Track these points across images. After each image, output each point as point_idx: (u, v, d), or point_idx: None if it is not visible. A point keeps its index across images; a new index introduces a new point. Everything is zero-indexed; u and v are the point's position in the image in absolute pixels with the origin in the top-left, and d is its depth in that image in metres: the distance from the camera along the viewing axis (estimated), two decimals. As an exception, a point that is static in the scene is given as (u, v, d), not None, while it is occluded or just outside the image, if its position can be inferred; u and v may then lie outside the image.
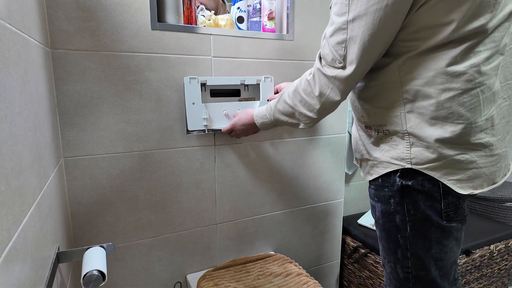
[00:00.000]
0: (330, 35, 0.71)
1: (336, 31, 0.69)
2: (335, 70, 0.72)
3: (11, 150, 0.47)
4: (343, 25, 0.67)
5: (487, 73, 0.65)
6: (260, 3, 1.24)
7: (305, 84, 0.80)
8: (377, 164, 0.79)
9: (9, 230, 0.43)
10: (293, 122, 0.89)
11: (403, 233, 0.77)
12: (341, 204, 1.55)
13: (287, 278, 1.20)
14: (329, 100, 0.77)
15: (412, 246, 0.77)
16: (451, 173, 0.70)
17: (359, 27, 0.65)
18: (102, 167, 1.04)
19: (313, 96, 0.79)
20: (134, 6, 1.00)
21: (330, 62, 0.72)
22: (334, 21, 0.69)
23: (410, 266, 0.79)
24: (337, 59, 0.70)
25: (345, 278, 1.70)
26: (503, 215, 1.79)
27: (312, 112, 0.82)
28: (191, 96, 1.11)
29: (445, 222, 0.73)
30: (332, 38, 0.70)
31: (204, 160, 1.20)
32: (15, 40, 0.55)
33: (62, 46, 0.93)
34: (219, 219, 1.28)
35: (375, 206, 0.83)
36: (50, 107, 0.85)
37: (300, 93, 0.82)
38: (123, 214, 1.10)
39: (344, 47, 0.68)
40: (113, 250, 0.81)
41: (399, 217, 0.77)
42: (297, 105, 0.84)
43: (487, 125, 0.68)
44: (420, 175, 0.72)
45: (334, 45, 0.70)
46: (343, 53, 0.69)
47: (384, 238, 0.83)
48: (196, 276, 1.24)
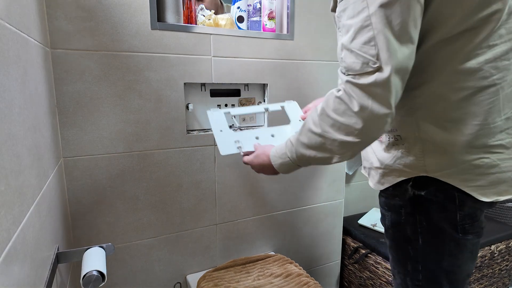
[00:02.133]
0: (350, 41, 0.59)
1: (357, 32, 0.58)
2: (370, 76, 0.57)
3: (10, 150, 0.46)
4: (365, 21, 0.56)
5: (507, 68, 0.60)
6: (260, 2, 1.23)
7: (335, 103, 0.63)
8: (389, 172, 0.73)
9: (9, 230, 0.43)
10: (324, 156, 0.69)
11: (414, 245, 0.73)
12: (341, 205, 1.55)
13: (287, 278, 1.19)
14: (374, 114, 0.59)
15: (424, 259, 0.73)
16: (471, 180, 0.64)
17: (385, 16, 0.55)
18: (102, 167, 1.04)
19: (350, 114, 0.61)
20: (134, 5, 1.00)
21: (360, 70, 0.58)
22: (351, 24, 0.59)
23: (420, 279, 0.75)
24: (370, 60, 0.57)
25: (345, 278, 1.69)
26: (504, 215, 1.79)
27: (352, 135, 0.62)
28: (217, 125, 1.01)
29: (461, 235, 0.69)
30: (355, 42, 0.58)
31: (204, 160, 1.20)
32: (15, 40, 0.54)
33: (62, 46, 0.93)
34: (219, 219, 1.28)
35: (385, 215, 0.78)
36: (49, 107, 0.85)
37: (330, 116, 0.64)
38: (122, 214, 1.10)
39: (374, 45, 0.56)
40: (113, 251, 0.80)
41: (410, 228, 0.73)
42: (329, 132, 0.65)
43: (507, 125, 0.62)
44: (433, 184, 0.67)
45: (359, 47, 0.58)
46: (375, 52, 0.56)
47: (393, 249, 0.79)
48: (196, 277, 1.24)
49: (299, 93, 1.32)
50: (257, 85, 1.30)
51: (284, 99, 1.30)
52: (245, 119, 1.30)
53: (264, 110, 1.09)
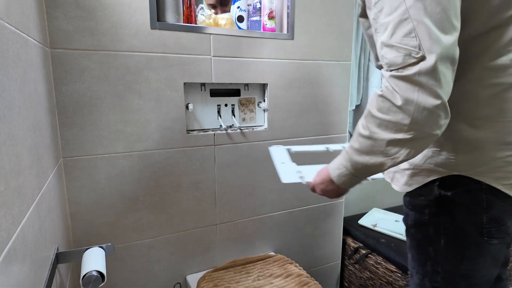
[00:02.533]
0: (390, 36, 0.59)
1: (396, 27, 0.57)
2: (413, 67, 0.56)
3: (10, 150, 0.46)
4: (403, 15, 0.56)
5: None
6: (260, 2, 1.23)
7: (378, 101, 0.61)
8: (418, 172, 0.71)
9: (8, 230, 0.43)
10: (377, 162, 0.64)
11: (436, 246, 0.72)
12: (341, 205, 1.55)
13: (287, 279, 1.19)
14: (422, 106, 0.56)
15: (444, 261, 0.72)
16: (504, 177, 0.63)
17: (424, 6, 0.55)
18: (102, 167, 1.04)
19: (395, 110, 0.59)
20: (134, 5, 1.00)
21: (403, 63, 0.57)
22: (389, 21, 0.58)
23: (439, 281, 0.74)
24: (412, 51, 0.56)
25: (345, 279, 1.69)
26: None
27: (401, 132, 0.59)
28: (279, 158, 1.05)
29: (485, 239, 0.67)
30: (395, 37, 0.58)
31: (204, 160, 1.20)
32: (14, 39, 0.54)
33: (61, 45, 0.93)
34: (219, 219, 1.28)
35: (408, 214, 0.77)
36: (49, 107, 0.85)
37: (376, 115, 0.62)
38: (122, 215, 1.10)
39: (414, 36, 0.55)
40: (113, 251, 0.80)
41: (433, 228, 0.72)
42: (376, 132, 0.62)
43: None
44: (461, 185, 0.66)
45: (400, 41, 0.57)
46: (416, 43, 0.55)
47: (414, 248, 0.78)
48: (196, 277, 1.23)
49: (299, 93, 1.32)
50: (257, 85, 1.29)
51: (284, 99, 1.30)
52: (245, 119, 1.29)
53: (325, 149, 1.07)
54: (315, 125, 1.39)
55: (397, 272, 1.37)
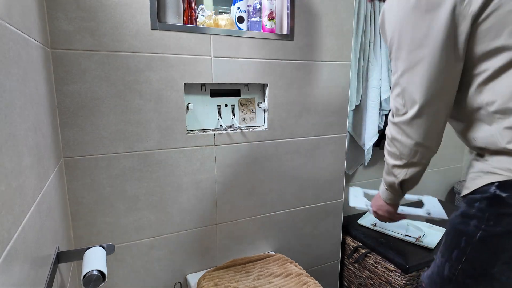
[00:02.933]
0: (391, 91, 0.83)
1: (393, 87, 0.81)
2: (400, 117, 0.81)
3: (11, 150, 0.47)
4: (397, 79, 0.79)
5: None
6: (260, 3, 1.24)
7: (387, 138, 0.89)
8: (482, 175, 0.77)
9: (9, 230, 0.43)
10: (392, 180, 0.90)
11: (470, 239, 0.76)
12: (341, 204, 1.55)
13: (287, 278, 1.20)
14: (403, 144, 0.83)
15: (472, 254, 0.75)
16: None
17: (408, 78, 0.76)
18: (102, 167, 1.04)
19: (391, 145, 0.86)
20: (134, 6, 1.00)
21: (395, 113, 0.83)
22: (392, 79, 0.82)
23: (458, 270, 0.77)
24: (400, 107, 0.80)
25: (345, 278, 1.70)
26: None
27: (398, 160, 0.86)
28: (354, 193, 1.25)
29: None
30: (393, 93, 0.82)
31: (204, 160, 1.20)
32: (15, 40, 0.55)
33: (62, 46, 0.93)
34: (219, 219, 1.28)
35: (460, 206, 0.82)
36: (50, 107, 0.85)
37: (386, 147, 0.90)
38: (123, 214, 1.10)
39: (402, 97, 0.79)
40: (113, 250, 0.80)
41: (475, 222, 0.75)
42: (387, 158, 0.89)
43: None
44: None
45: (394, 97, 0.81)
46: (402, 102, 0.79)
47: (450, 235, 0.83)
48: (196, 276, 1.24)
49: (299, 93, 1.33)
50: (257, 85, 1.30)
51: (284, 99, 1.30)
52: (245, 119, 1.30)
53: (427, 215, 1.10)
54: (315, 125, 1.39)
55: (396, 272, 1.37)
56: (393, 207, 0.99)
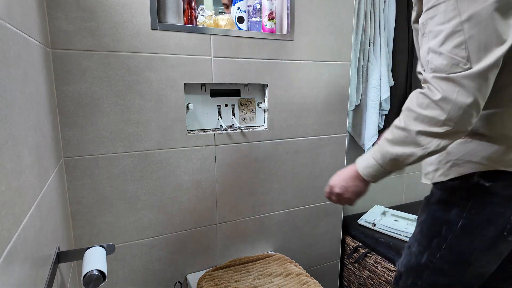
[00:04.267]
0: (440, 44, 0.63)
1: (448, 37, 0.62)
2: (460, 74, 0.62)
3: (11, 150, 0.47)
4: (457, 27, 0.61)
5: None
6: (260, 3, 1.24)
7: (419, 97, 0.67)
8: (462, 163, 0.74)
9: (10, 230, 0.43)
10: (408, 152, 0.69)
11: (451, 227, 0.75)
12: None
13: (287, 278, 1.20)
14: (458, 105, 0.62)
15: (453, 241, 0.75)
16: None
17: (480, 22, 0.60)
18: (102, 167, 1.05)
19: (433, 107, 0.64)
20: (134, 6, 1.00)
21: (450, 69, 0.63)
22: (441, 30, 0.63)
23: (437, 257, 0.78)
24: (460, 61, 0.62)
25: (345, 278, 1.70)
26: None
27: (436, 126, 0.65)
28: None
29: (505, 234, 0.71)
30: (446, 45, 0.63)
31: (204, 160, 1.20)
32: (16, 40, 0.55)
33: (62, 46, 0.93)
34: (219, 219, 1.28)
35: (434, 192, 0.80)
36: (50, 107, 0.85)
37: (414, 110, 0.67)
38: (123, 214, 1.10)
39: (464, 48, 0.61)
40: (113, 250, 0.80)
41: (457, 210, 0.75)
42: (412, 124, 0.67)
43: None
44: (504, 180, 0.70)
45: (450, 50, 0.62)
46: (465, 54, 0.61)
47: (426, 223, 0.81)
48: (196, 276, 1.24)
49: (299, 93, 1.33)
50: (257, 85, 1.30)
51: (284, 99, 1.30)
52: (245, 119, 1.30)
53: None
54: (315, 125, 1.39)
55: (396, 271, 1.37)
56: (367, 187, 0.82)
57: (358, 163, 0.79)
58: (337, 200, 0.88)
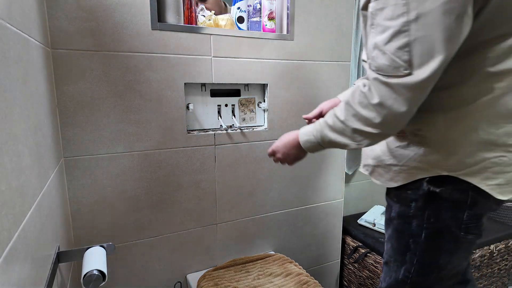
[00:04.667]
0: (385, 43, 0.60)
1: (393, 36, 0.59)
2: (399, 79, 0.60)
3: (11, 150, 0.47)
4: (403, 27, 0.57)
5: None
6: (260, 3, 1.24)
7: (360, 96, 0.68)
8: (407, 170, 0.74)
9: (10, 230, 0.43)
10: (343, 142, 0.74)
11: (417, 239, 0.75)
12: (341, 204, 1.55)
13: (287, 278, 1.20)
14: (392, 112, 0.63)
15: (421, 253, 0.76)
16: (490, 178, 0.66)
17: (426, 25, 0.56)
18: (102, 167, 1.04)
19: (371, 108, 0.65)
20: (135, 6, 1.00)
21: (391, 71, 0.61)
22: (388, 26, 0.59)
23: (412, 271, 0.78)
24: (401, 65, 0.59)
25: (345, 278, 1.70)
26: (503, 215, 1.79)
27: (370, 127, 0.67)
28: None
29: (463, 234, 0.72)
30: (390, 45, 0.60)
31: (204, 160, 1.20)
32: (16, 40, 0.55)
33: (63, 46, 0.93)
34: (219, 219, 1.28)
35: (392, 206, 0.80)
36: (50, 107, 0.85)
37: (354, 107, 0.69)
38: (123, 214, 1.10)
39: (408, 51, 0.58)
40: (113, 250, 0.81)
41: (416, 222, 0.75)
42: (350, 120, 0.70)
43: None
44: (450, 183, 0.69)
45: (393, 51, 0.59)
46: (407, 58, 0.58)
47: (394, 239, 0.81)
48: (196, 276, 1.24)
49: (299, 93, 1.33)
50: (257, 85, 1.30)
51: (284, 99, 1.30)
52: (245, 119, 1.30)
53: None
54: (315, 125, 1.39)
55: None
56: (306, 155, 0.89)
57: (301, 136, 0.85)
58: (277, 161, 0.96)
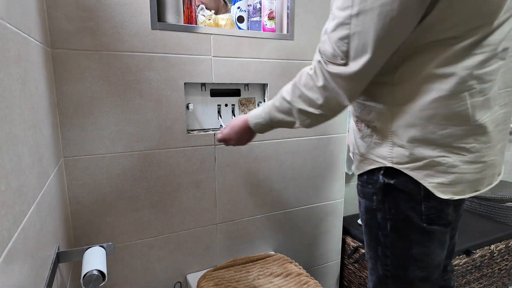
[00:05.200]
0: (331, 30, 0.65)
1: (338, 26, 0.63)
2: (337, 67, 0.66)
3: (11, 149, 0.47)
4: (346, 19, 0.62)
5: (480, 77, 0.62)
6: (260, 2, 1.24)
7: (306, 78, 0.73)
8: (364, 160, 0.79)
9: (9, 230, 0.43)
10: (289, 121, 0.81)
11: (384, 231, 0.77)
12: (341, 204, 1.55)
13: (287, 278, 1.20)
14: (333, 96, 0.70)
15: (392, 245, 0.77)
16: (433, 176, 0.68)
17: (363, 22, 0.60)
18: (102, 166, 1.04)
19: (315, 90, 0.71)
20: (134, 5, 1.00)
21: (331, 58, 0.66)
22: (336, 15, 0.64)
23: (388, 264, 0.78)
24: (339, 55, 0.64)
25: (345, 278, 1.70)
26: (504, 215, 1.79)
27: (314, 107, 0.74)
28: None
29: (426, 225, 0.72)
30: (334, 33, 0.64)
31: (204, 160, 1.20)
32: (15, 39, 0.55)
33: (62, 45, 0.93)
34: (219, 219, 1.28)
35: (360, 202, 0.83)
36: (50, 106, 0.85)
37: (299, 88, 0.75)
38: (123, 214, 1.10)
39: (346, 43, 0.62)
40: (113, 250, 0.81)
41: (380, 215, 0.77)
42: (296, 101, 0.76)
43: (477, 131, 0.65)
44: (403, 175, 0.71)
45: (335, 40, 0.64)
46: (345, 49, 0.63)
47: (367, 234, 0.83)
48: (196, 276, 1.24)
49: (299, 93, 1.32)
50: (257, 85, 1.30)
51: (284, 99, 1.30)
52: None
53: None
54: (315, 125, 1.39)
55: None
56: (256, 135, 0.96)
57: (251, 119, 0.90)
58: (229, 145, 1.02)
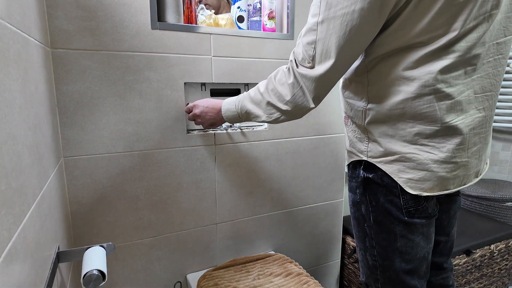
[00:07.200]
0: (303, 35, 0.72)
1: (307, 31, 0.70)
2: (305, 69, 0.72)
3: (11, 149, 0.47)
4: (314, 26, 0.68)
5: (447, 81, 0.65)
6: (260, 2, 1.23)
7: (281, 74, 0.79)
8: (349, 153, 0.84)
9: (9, 229, 0.43)
10: (257, 113, 0.84)
11: (368, 223, 0.80)
12: (341, 204, 1.55)
13: (287, 278, 1.20)
14: (300, 94, 0.75)
15: (376, 236, 0.80)
16: (403, 171, 0.71)
17: (327, 29, 0.66)
18: (102, 166, 1.04)
19: (286, 86, 0.76)
20: (134, 5, 1.00)
21: (300, 61, 0.73)
22: (308, 22, 0.70)
23: (376, 255, 0.81)
24: (307, 58, 0.71)
25: (345, 278, 1.70)
26: (504, 215, 1.79)
27: (281, 102, 0.78)
28: None
29: (407, 218, 0.74)
30: (304, 38, 0.71)
31: (204, 160, 1.20)
32: (15, 39, 0.55)
33: (62, 45, 0.93)
34: (219, 219, 1.28)
35: (348, 195, 0.87)
36: (50, 106, 0.85)
37: (273, 82, 0.80)
38: (123, 214, 1.10)
39: (313, 47, 0.69)
40: (113, 250, 0.80)
41: (364, 207, 0.80)
42: (267, 94, 0.81)
43: (447, 132, 0.68)
44: (379, 169, 0.75)
45: (304, 44, 0.71)
46: (312, 54, 0.70)
47: (355, 226, 0.86)
48: (196, 276, 1.24)
49: (299, 93, 1.32)
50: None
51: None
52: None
53: None
54: (315, 125, 1.39)
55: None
56: (222, 123, 1.01)
57: (224, 104, 0.93)
58: (192, 118, 1.05)
